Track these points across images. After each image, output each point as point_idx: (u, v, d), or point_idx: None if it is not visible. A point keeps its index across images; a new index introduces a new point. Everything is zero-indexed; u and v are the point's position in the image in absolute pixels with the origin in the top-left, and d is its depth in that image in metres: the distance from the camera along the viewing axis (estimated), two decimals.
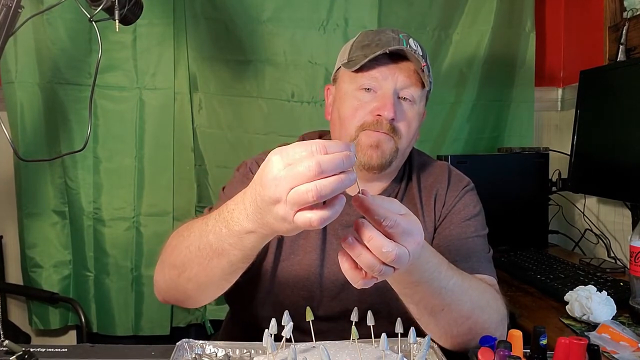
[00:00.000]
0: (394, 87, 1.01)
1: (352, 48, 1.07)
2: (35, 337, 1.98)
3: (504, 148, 1.94)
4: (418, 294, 0.81)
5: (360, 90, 1.02)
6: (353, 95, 1.03)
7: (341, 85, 1.07)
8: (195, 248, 0.81)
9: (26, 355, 0.81)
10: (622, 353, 0.95)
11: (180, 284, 0.88)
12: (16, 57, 1.76)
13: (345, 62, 1.06)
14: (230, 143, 1.88)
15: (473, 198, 1.11)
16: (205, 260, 0.79)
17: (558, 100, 2.09)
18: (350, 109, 1.03)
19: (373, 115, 1.00)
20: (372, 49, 1.01)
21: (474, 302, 0.86)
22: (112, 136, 1.84)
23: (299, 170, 0.60)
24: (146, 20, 1.67)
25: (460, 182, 1.12)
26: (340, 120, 1.05)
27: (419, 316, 0.85)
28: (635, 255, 1.08)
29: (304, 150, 0.61)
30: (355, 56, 1.04)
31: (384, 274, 0.67)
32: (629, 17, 1.66)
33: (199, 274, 0.83)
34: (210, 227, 0.77)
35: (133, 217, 1.86)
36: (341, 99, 1.06)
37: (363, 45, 1.04)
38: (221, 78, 1.87)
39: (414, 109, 1.04)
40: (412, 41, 1.03)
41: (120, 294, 1.88)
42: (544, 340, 0.74)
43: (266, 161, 0.63)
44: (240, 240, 0.73)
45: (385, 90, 1.01)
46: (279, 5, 1.84)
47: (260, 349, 0.84)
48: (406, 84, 1.02)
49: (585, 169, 1.67)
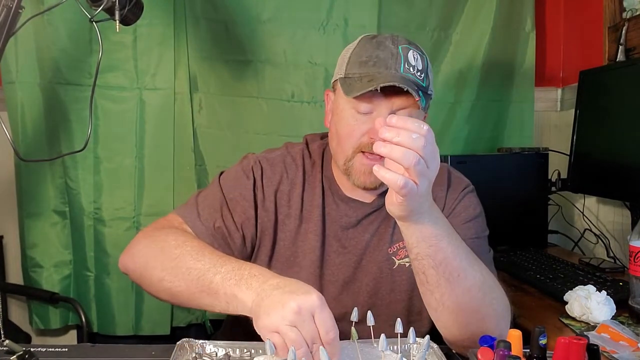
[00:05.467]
0: (390, 110, 0.98)
1: (349, 60, 1.01)
2: (35, 336, 1.98)
3: (504, 148, 1.94)
4: (441, 252, 0.84)
5: (357, 113, 1.00)
6: (350, 115, 1.00)
7: (338, 100, 1.04)
8: (195, 276, 0.86)
9: (27, 354, 0.81)
10: (621, 353, 0.95)
11: (155, 284, 0.92)
12: (17, 58, 1.76)
13: (342, 77, 1.02)
14: (230, 143, 1.88)
15: (473, 200, 1.11)
16: (197, 290, 0.86)
17: (557, 100, 2.09)
18: (347, 129, 1.00)
19: (368, 137, 0.99)
20: (369, 69, 0.97)
21: (484, 275, 0.89)
22: (112, 136, 1.84)
23: (294, 339, 0.72)
24: (146, 21, 1.67)
25: (459, 184, 1.11)
26: (338, 138, 1.03)
27: (436, 285, 0.87)
28: (634, 255, 1.09)
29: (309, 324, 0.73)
30: (351, 73, 1.00)
31: (418, 166, 0.73)
32: (629, 17, 1.66)
33: (181, 294, 0.89)
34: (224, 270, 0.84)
35: (133, 217, 1.86)
36: (338, 115, 1.03)
37: (361, 61, 0.99)
38: (221, 78, 1.87)
39: None
40: (412, 54, 0.98)
41: (121, 294, 1.88)
42: (543, 340, 0.74)
43: (286, 303, 0.74)
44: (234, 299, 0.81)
45: (381, 114, 0.97)
46: (279, 6, 1.84)
47: (260, 348, 0.84)
48: (402, 106, 0.98)
49: (585, 169, 1.67)
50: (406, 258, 1.06)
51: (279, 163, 1.11)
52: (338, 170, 1.08)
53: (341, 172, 1.05)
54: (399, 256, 1.08)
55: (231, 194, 1.07)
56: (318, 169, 1.11)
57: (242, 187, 1.08)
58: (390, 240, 1.08)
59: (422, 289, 0.89)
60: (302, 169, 1.11)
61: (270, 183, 1.08)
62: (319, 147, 1.14)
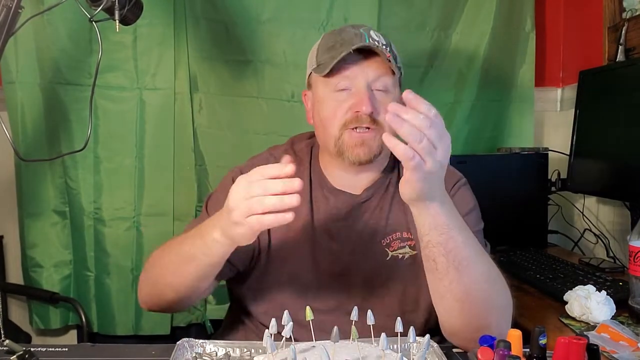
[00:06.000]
0: (367, 82, 1.04)
1: (318, 52, 1.09)
2: (35, 336, 1.98)
3: (504, 148, 1.94)
4: (452, 241, 0.87)
5: (336, 92, 1.05)
6: (330, 97, 1.06)
7: (317, 90, 1.10)
8: (174, 255, 0.97)
9: (27, 354, 0.81)
10: (621, 352, 0.95)
11: (160, 290, 1.00)
12: (17, 58, 1.76)
13: (315, 67, 1.08)
14: (230, 143, 1.88)
15: (467, 193, 1.13)
16: (180, 266, 0.95)
17: (557, 100, 2.09)
18: (330, 110, 1.06)
19: (352, 112, 1.04)
20: (337, 49, 1.03)
21: (490, 267, 0.93)
22: (112, 136, 1.84)
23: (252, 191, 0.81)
24: (146, 21, 1.67)
25: (452, 178, 1.13)
26: (322, 123, 1.08)
27: (446, 273, 0.89)
28: (634, 255, 1.09)
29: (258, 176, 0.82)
30: (322, 60, 1.06)
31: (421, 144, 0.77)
32: (628, 17, 1.66)
33: (174, 280, 0.97)
34: (189, 238, 0.94)
35: (133, 217, 1.87)
36: (319, 103, 1.09)
37: (328, 47, 1.06)
38: (221, 78, 1.87)
39: (390, 97, 1.07)
40: (373, 33, 1.06)
41: (121, 294, 1.88)
42: (543, 339, 0.74)
43: (232, 191, 0.84)
44: (209, 248, 0.90)
45: (359, 86, 1.04)
46: (279, 5, 1.84)
47: (260, 348, 0.84)
48: (377, 76, 1.05)
49: (585, 169, 1.68)
50: (400, 249, 1.09)
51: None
52: (327, 163, 1.12)
53: (333, 157, 1.09)
54: (393, 248, 1.09)
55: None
56: (305, 165, 1.15)
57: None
58: (384, 232, 1.10)
59: (431, 276, 0.92)
60: None
61: None
62: (307, 145, 1.18)
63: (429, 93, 1.95)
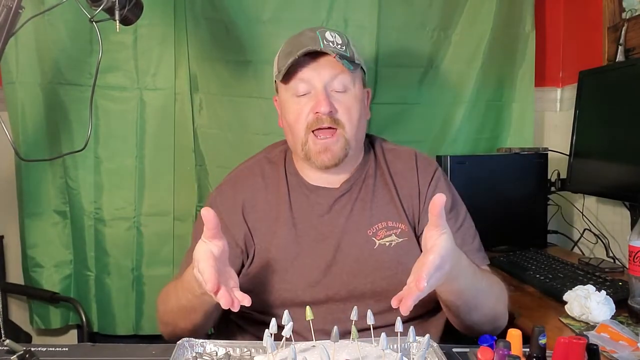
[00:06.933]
0: (323, 83, 1.08)
1: (279, 58, 1.13)
2: (36, 336, 1.98)
3: (503, 148, 1.94)
4: (462, 297, 0.97)
5: (297, 97, 1.10)
6: (292, 101, 1.11)
7: (281, 96, 1.15)
8: (177, 309, 1.04)
9: (27, 354, 0.81)
10: (621, 352, 0.95)
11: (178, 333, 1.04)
12: (17, 58, 1.76)
13: (276, 73, 1.12)
14: (230, 143, 1.88)
15: (444, 184, 1.17)
16: (187, 316, 1.02)
17: (557, 100, 2.09)
18: (293, 115, 1.10)
19: (313, 114, 1.08)
20: (293, 55, 1.07)
21: (496, 296, 1.04)
22: (112, 136, 1.84)
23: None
24: (147, 21, 1.67)
25: (429, 167, 1.17)
26: (290, 128, 1.12)
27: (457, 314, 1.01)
28: (634, 255, 1.09)
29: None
30: (281, 66, 1.10)
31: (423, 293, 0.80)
32: (628, 17, 1.66)
33: (187, 325, 1.04)
34: (181, 294, 1.00)
35: (134, 217, 1.87)
36: (284, 108, 1.13)
37: (286, 53, 1.10)
38: (222, 78, 1.87)
39: (350, 94, 1.10)
40: (329, 33, 1.09)
41: (121, 294, 1.88)
42: (543, 339, 0.74)
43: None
44: (202, 302, 0.96)
45: (317, 88, 1.08)
46: (279, 6, 1.84)
47: (261, 347, 0.84)
48: (333, 75, 1.08)
49: (584, 169, 1.68)
50: (387, 238, 1.11)
51: (240, 179, 1.19)
52: (301, 163, 1.16)
53: (303, 161, 1.13)
54: (379, 236, 1.11)
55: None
56: (280, 168, 1.18)
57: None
58: (370, 222, 1.12)
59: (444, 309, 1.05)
60: (261, 175, 1.18)
61: (234, 203, 1.15)
62: (281, 151, 1.22)
63: (429, 93, 1.95)
